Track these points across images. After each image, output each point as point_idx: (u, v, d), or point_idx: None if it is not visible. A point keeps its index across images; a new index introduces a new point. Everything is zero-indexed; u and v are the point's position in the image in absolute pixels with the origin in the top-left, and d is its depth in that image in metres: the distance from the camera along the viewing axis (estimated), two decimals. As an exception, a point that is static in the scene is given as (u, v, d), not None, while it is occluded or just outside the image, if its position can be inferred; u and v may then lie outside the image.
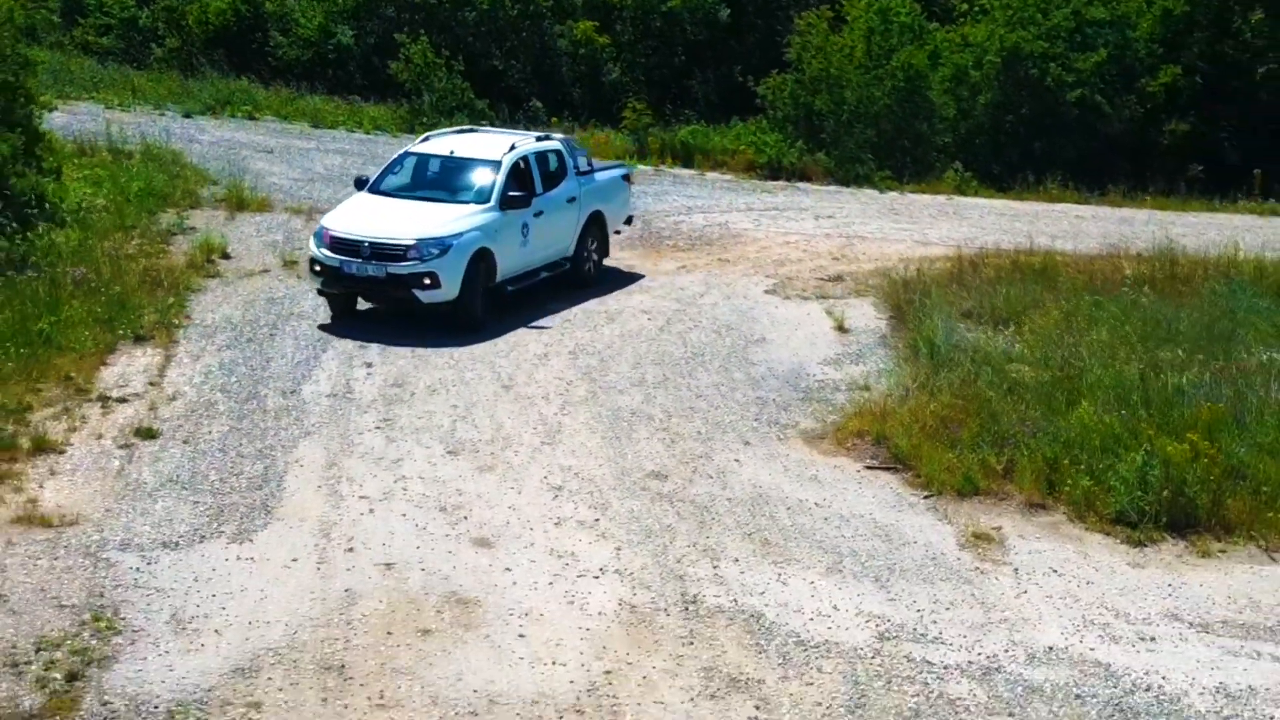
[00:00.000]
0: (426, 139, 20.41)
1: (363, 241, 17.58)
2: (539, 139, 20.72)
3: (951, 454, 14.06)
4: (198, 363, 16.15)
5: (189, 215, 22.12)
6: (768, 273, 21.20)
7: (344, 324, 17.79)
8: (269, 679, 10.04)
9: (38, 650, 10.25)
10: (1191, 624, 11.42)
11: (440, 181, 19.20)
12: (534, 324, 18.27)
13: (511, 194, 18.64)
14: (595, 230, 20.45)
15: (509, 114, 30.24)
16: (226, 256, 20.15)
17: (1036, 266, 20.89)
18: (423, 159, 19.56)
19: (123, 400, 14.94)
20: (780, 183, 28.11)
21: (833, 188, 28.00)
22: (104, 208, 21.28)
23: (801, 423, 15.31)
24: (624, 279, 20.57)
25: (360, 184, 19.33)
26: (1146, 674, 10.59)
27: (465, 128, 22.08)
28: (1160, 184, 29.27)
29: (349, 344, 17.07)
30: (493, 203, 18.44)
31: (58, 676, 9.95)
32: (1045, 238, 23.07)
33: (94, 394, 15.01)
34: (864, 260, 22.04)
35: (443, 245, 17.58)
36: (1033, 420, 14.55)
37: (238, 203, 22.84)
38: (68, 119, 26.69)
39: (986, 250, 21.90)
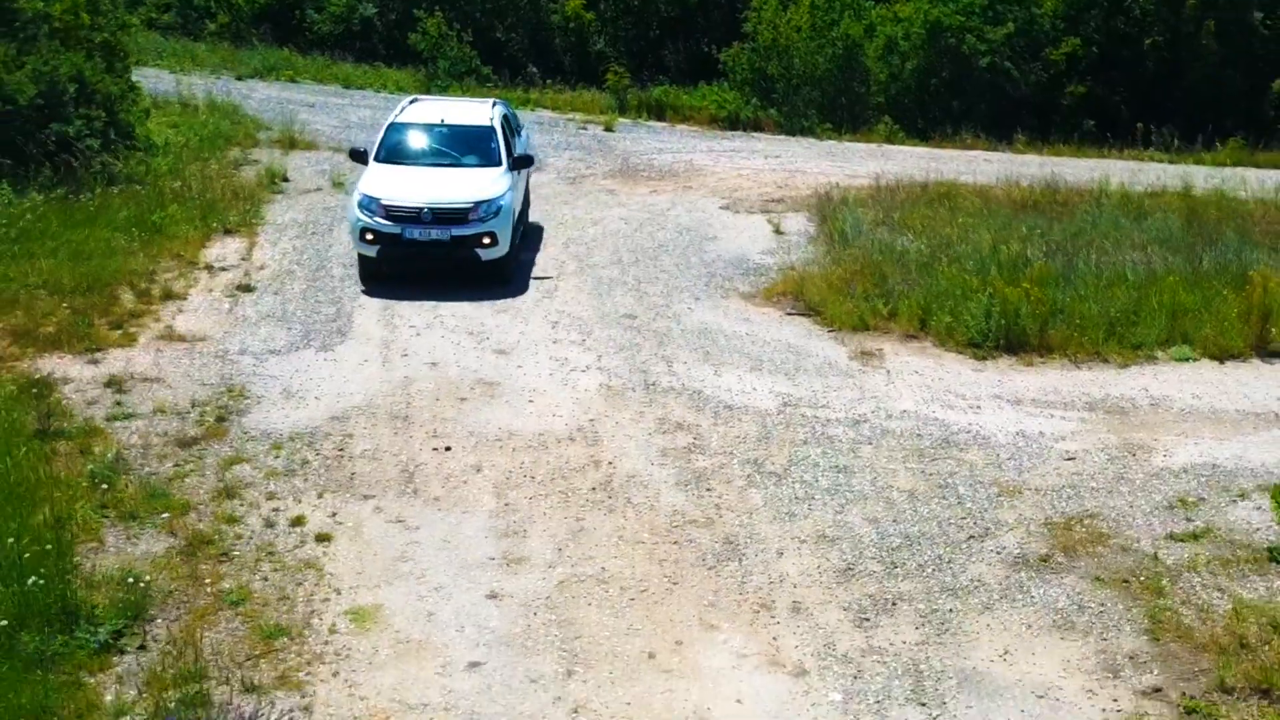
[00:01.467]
0: (403, 110, 20.32)
1: (421, 208, 17.57)
2: (493, 104, 20.96)
3: (850, 303, 17.65)
4: (275, 247, 19.63)
5: (251, 152, 25.39)
6: (722, 195, 24.56)
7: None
8: (355, 421, 13.70)
9: (193, 406, 13.88)
10: (1008, 400, 15.07)
11: (446, 149, 19.33)
12: (531, 222, 21.51)
13: (517, 155, 19.43)
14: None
15: (510, 78, 33.58)
16: (286, 179, 23.45)
17: (940, 191, 24.36)
18: (419, 128, 19.54)
19: (223, 269, 18.46)
20: (737, 133, 31.46)
21: (781, 137, 31.37)
22: (184, 144, 24.66)
23: (740, 287, 18.85)
24: (605, 198, 23.90)
25: (357, 155, 19.48)
26: (969, 425, 14.26)
27: (415, 97, 22.15)
28: (1059, 137, 32.63)
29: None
30: (505, 165, 18.87)
31: (210, 419, 13.58)
32: (953, 173, 26.46)
33: (200, 265, 18.53)
34: (802, 188, 25.41)
35: (496, 206, 17.86)
36: (911, 279, 18.16)
37: (289, 143, 26.14)
38: (139, 81, 29.99)
39: (902, 180, 25.33)
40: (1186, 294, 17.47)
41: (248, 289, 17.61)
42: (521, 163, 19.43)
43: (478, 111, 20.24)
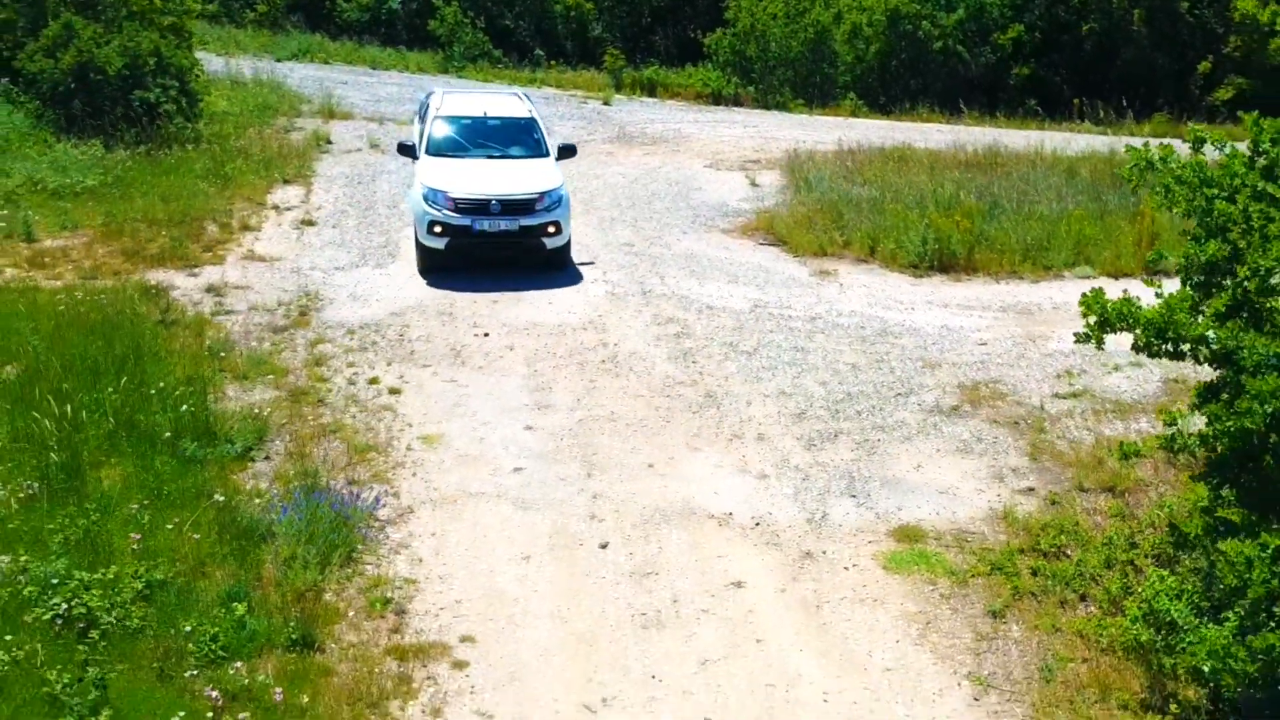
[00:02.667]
0: (441, 103, 19.80)
1: (489, 199, 17.37)
2: (522, 96, 21.02)
3: (811, 235, 20.31)
4: (328, 193, 22.22)
5: (296, 120, 27.90)
6: (706, 157, 27.15)
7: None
8: (410, 316, 16.33)
9: (279, 305, 16.48)
10: (937, 305, 17.72)
11: (493, 140, 19.07)
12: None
13: (561, 145, 19.36)
14: None
15: (518, 60, 36.16)
16: (329, 142, 25.99)
17: (895, 154, 26.92)
18: (465, 122, 19.26)
19: (287, 209, 21.05)
20: (720, 107, 34.11)
21: (758, 111, 34.00)
22: (239, 113, 27.22)
23: (720, 225, 21.48)
24: (605, 159, 26.47)
25: (405, 150, 19.20)
26: (903, 321, 16.91)
27: (443, 90, 21.69)
28: (1005, 112, 35.25)
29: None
30: (552, 155, 18.92)
31: (294, 314, 16.20)
32: (907, 141, 29.01)
33: (268, 206, 21.12)
34: (775, 151, 27.96)
35: (558, 195, 17.82)
36: (863, 216, 20.81)
37: (329, 113, 28.68)
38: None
39: (862, 145, 27.90)
40: (1091, 227, 20.15)
41: (310, 223, 20.20)
42: (565, 152, 19.25)
43: (514, 104, 20.12)
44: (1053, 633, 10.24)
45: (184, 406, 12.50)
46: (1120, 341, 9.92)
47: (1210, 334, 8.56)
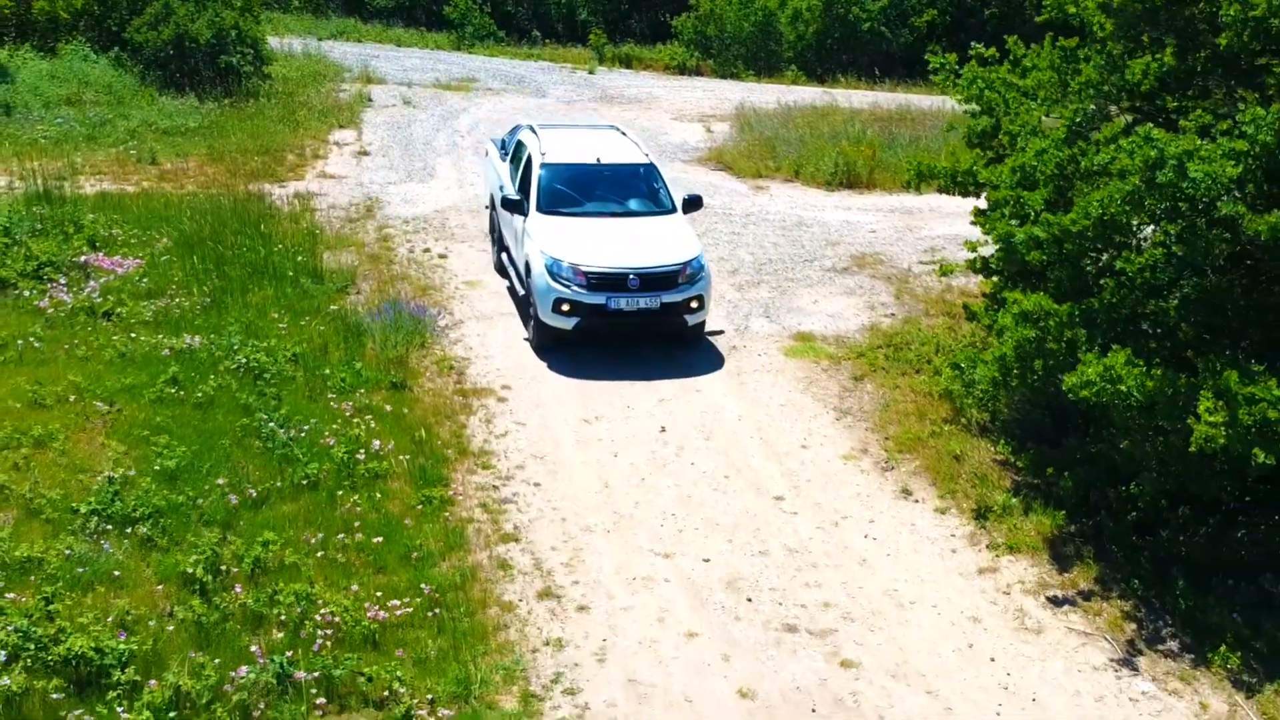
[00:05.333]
0: (531, 140, 16.13)
1: (626, 273, 13.82)
2: (605, 127, 18.27)
3: (751, 162, 24.00)
4: (376, 134, 25.76)
5: (340, 85, 31.31)
6: (672, 112, 30.73)
7: (448, 113, 27.33)
8: (448, 213, 19.94)
9: (349, 205, 20.09)
10: (842, 208, 21.45)
11: (610, 192, 15.47)
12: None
13: (688, 197, 15.80)
14: None
15: (518, 39, 39.65)
16: (370, 100, 29.45)
17: (823, 110, 30.54)
18: (577, 171, 15.42)
19: (345, 145, 24.60)
20: (684, 77, 37.61)
21: (716, 80, 37.47)
22: (297, 78, 30.67)
23: (681, 158, 25.12)
24: (590, 113, 29.83)
25: (512, 205, 15.16)
26: (815, 217, 20.63)
27: (546, 125, 17.62)
28: (921, 82, 38.73)
29: (453, 126, 26.73)
30: (680, 209, 15.47)
31: (362, 211, 19.78)
32: (836, 102, 32.57)
33: (330, 142, 24.68)
34: (727, 109, 31.33)
35: (699, 263, 14.36)
36: (792, 148, 24.51)
37: (366, 79, 32.03)
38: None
39: (799, 103, 31.52)
40: (964, 153, 23.78)
41: (365, 154, 23.78)
42: (692, 205, 15.76)
43: (624, 146, 16.39)
44: (893, 389, 14.03)
45: (299, 258, 16.18)
46: (968, 233, 13.31)
47: (979, 173, 12.29)
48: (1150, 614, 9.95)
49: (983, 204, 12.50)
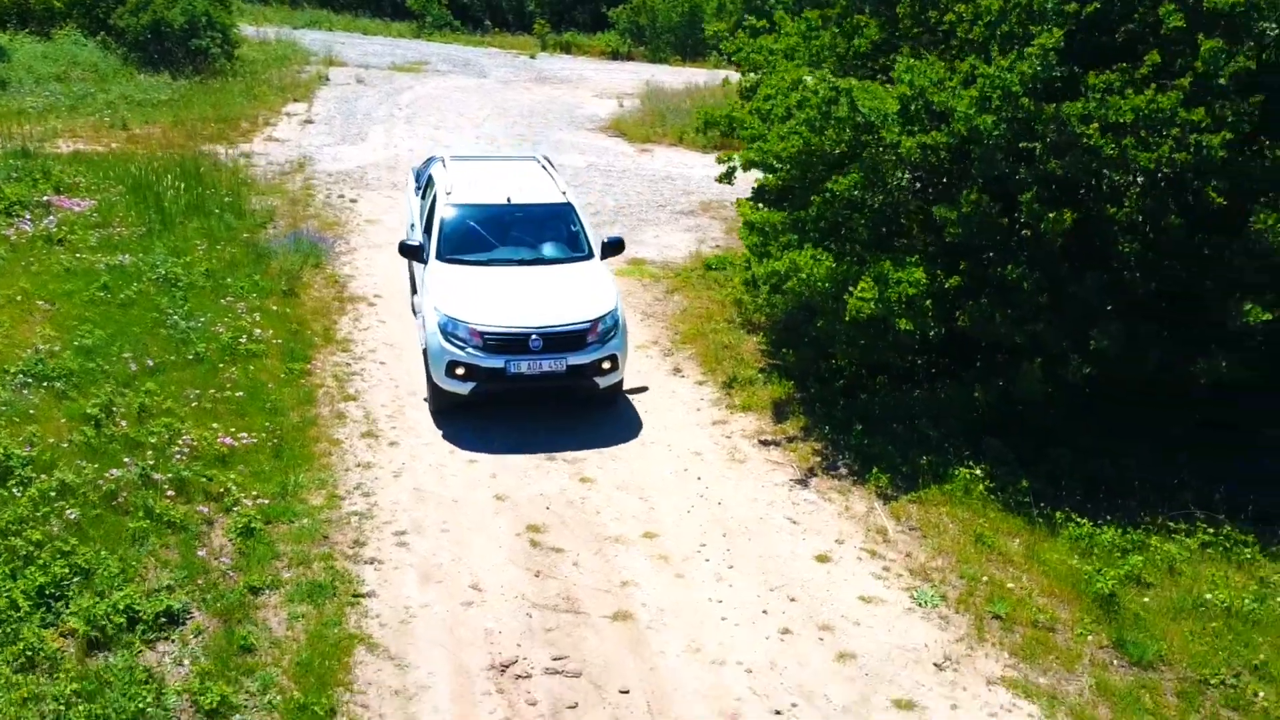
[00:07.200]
0: (441, 175, 14.05)
1: (528, 333, 11.74)
2: (524, 158, 15.58)
3: (643, 129, 26.04)
4: (324, 107, 27.74)
5: (305, 66, 33.30)
6: (595, 91, 32.66)
7: (393, 90, 29.31)
8: (368, 169, 21.98)
9: (285, 162, 22.11)
10: (708, 166, 23.40)
11: (525, 236, 13.28)
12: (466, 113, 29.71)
13: (607, 240, 13.40)
14: None
15: (472, 28, 41.57)
16: (328, 79, 31.40)
17: (727, 87, 32.50)
18: (484, 213, 13.25)
19: (295, 116, 26.57)
20: (618, 62, 39.50)
21: (645, 65, 39.41)
22: (265, 60, 32.62)
23: (588, 126, 27.13)
24: (522, 91, 32.01)
25: (411, 251, 13.06)
26: (681, 174, 22.63)
27: (460, 156, 15.28)
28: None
29: (395, 101, 28.69)
30: (598, 254, 13.26)
31: (295, 166, 21.82)
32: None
33: (282, 113, 26.66)
34: (644, 87, 33.60)
35: (614, 319, 12.20)
36: (680, 118, 26.50)
37: (329, 62, 33.94)
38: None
39: (708, 83, 33.41)
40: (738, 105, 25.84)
41: (310, 122, 25.78)
42: (612, 249, 13.33)
43: (541, 181, 14.10)
44: (696, 299, 16.12)
45: (227, 199, 18.24)
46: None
47: (739, 118, 14.35)
48: (833, 451, 12.06)
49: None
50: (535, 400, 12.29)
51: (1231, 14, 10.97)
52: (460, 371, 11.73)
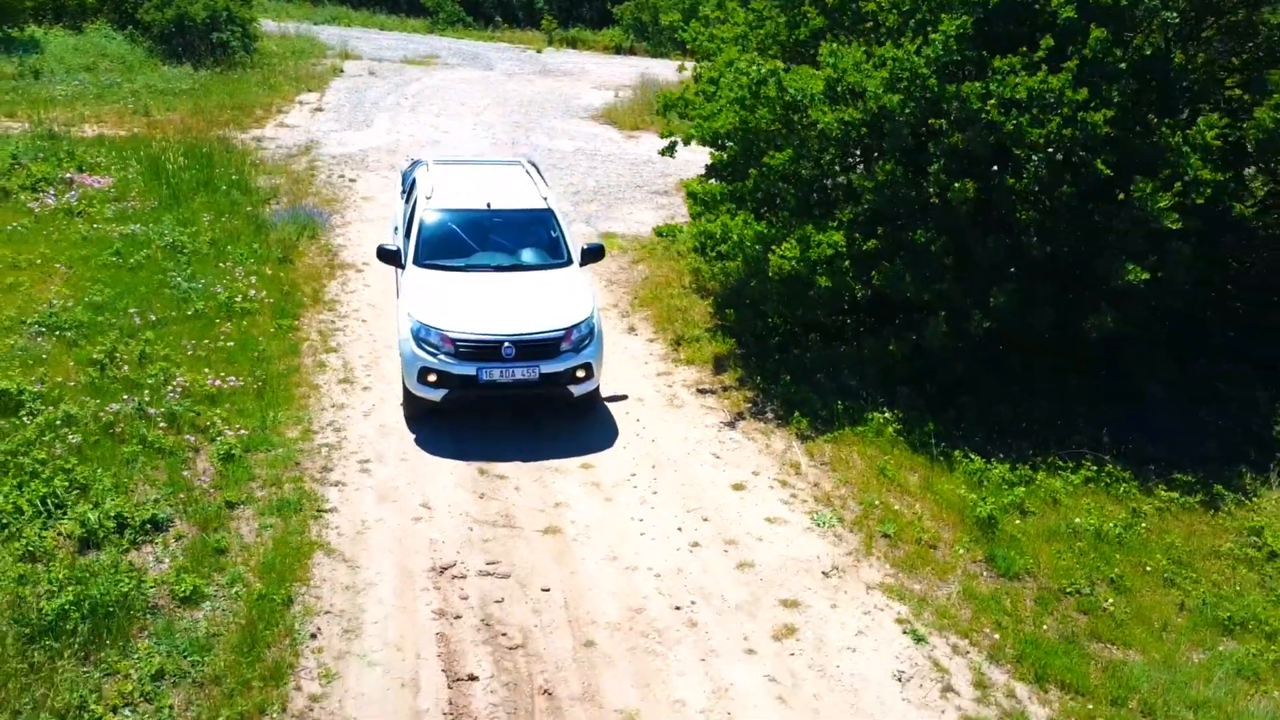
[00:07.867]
0: (424, 178, 13.91)
1: (500, 340, 11.47)
2: (508, 163, 15.17)
3: (632, 118, 27.00)
4: (335, 96, 28.85)
5: (322, 59, 34.43)
6: (594, 82, 33.60)
7: (403, 81, 30.39)
8: (370, 152, 23.06)
9: (294, 145, 23.24)
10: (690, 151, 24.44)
11: (501, 241, 13.00)
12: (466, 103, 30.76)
13: (587, 247, 13.20)
14: None
15: (483, 25, 42.61)
16: (342, 71, 32.49)
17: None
18: (462, 218, 13.01)
19: (307, 104, 27.74)
20: (620, 56, 40.52)
21: (646, 59, 40.39)
22: (285, 53, 33.75)
23: (582, 115, 28.12)
24: (525, 83, 33.01)
25: (388, 256, 12.81)
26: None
27: (443, 160, 15.17)
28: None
29: (403, 92, 29.76)
30: (577, 260, 12.92)
31: (302, 150, 22.96)
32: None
33: (295, 102, 27.80)
34: (640, 79, 34.58)
35: (589, 327, 11.93)
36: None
37: (344, 55, 35.08)
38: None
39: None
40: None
41: (320, 110, 26.89)
42: (592, 256, 13.11)
43: (523, 184, 13.89)
44: (658, 268, 17.09)
45: (234, 177, 19.35)
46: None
47: (689, 99, 15.31)
48: (763, 399, 13.04)
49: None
50: (510, 407, 12.04)
51: (1117, 7, 11.88)
52: (432, 378, 11.45)
